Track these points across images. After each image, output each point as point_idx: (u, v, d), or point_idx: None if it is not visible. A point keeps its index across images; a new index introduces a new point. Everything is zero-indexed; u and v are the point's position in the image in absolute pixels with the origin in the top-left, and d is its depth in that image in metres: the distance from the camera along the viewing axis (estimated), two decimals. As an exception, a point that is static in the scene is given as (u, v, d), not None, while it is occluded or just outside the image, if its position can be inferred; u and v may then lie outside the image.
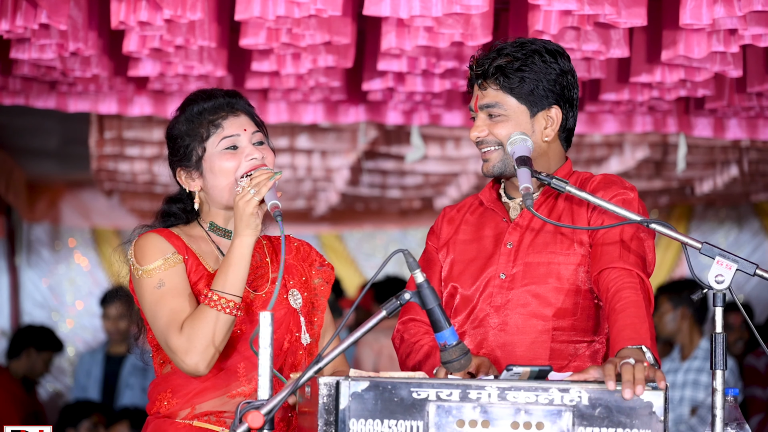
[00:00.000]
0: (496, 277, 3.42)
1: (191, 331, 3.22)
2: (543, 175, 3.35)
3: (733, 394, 3.33)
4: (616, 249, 3.29)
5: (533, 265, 3.39)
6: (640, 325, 3.07)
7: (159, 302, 3.28)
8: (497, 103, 3.38)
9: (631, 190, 3.42)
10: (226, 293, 3.23)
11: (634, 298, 3.15)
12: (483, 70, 3.40)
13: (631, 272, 3.23)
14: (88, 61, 5.44)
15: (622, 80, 5.60)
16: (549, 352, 3.36)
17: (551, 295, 3.37)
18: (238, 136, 3.39)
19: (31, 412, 8.02)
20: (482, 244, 3.49)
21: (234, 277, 3.24)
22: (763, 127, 6.47)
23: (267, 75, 5.68)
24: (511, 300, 3.39)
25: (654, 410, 2.85)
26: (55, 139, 8.72)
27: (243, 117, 3.42)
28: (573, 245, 3.39)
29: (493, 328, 3.40)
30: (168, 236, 3.38)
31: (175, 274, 3.30)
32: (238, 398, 3.32)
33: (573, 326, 3.38)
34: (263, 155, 3.38)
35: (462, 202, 3.63)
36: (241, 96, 3.49)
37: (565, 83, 3.41)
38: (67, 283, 11.10)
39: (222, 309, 3.22)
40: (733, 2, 4.41)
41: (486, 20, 4.64)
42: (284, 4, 4.53)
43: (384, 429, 2.83)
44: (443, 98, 6.08)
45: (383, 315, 2.95)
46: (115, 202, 10.50)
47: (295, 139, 7.85)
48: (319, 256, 3.58)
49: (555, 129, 3.42)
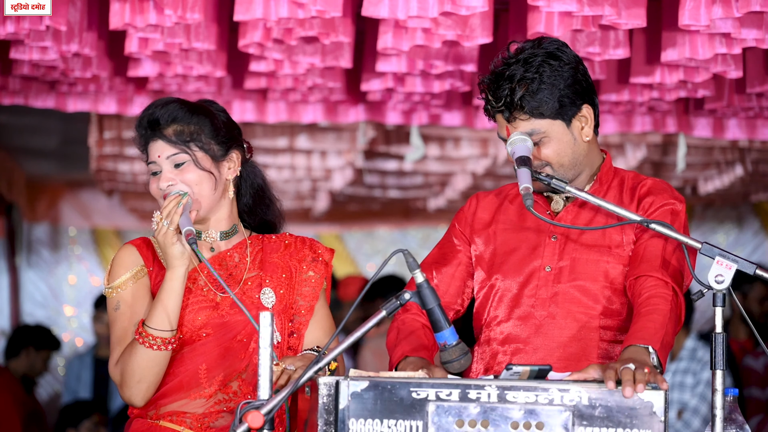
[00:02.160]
0: (542, 269, 3.38)
1: (123, 366, 3.33)
2: (543, 175, 3.35)
3: (732, 394, 3.33)
4: (657, 259, 3.25)
5: (581, 261, 3.36)
6: (657, 330, 3.05)
7: (114, 324, 3.41)
8: (533, 130, 3.34)
9: (680, 201, 3.38)
10: (155, 329, 3.30)
11: (662, 307, 3.13)
12: (506, 105, 3.34)
13: (668, 284, 3.20)
14: (88, 62, 5.44)
15: (622, 81, 5.61)
16: (598, 350, 3.32)
17: (600, 293, 3.34)
18: (154, 163, 3.43)
19: (31, 412, 8.02)
20: (525, 235, 3.43)
21: (164, 313, 3.31)
22: (763, 127, 6.47)
23: (266, 75, 5.68)
24: (558, 294, 3.35)
25: (654, 410, 2.85)
26: (55, 139, 8.72)
27: (158, 141, 3.42)
28: (622, 246, 3.36)
29: (538, 320, 3.36)
30: (140, 247, 3.47)
31: (132, 294, 3.40)
32: (199, 400, 3.37)
33: (619, 327, 3.34)
34: (175, 181, 3.40)
35: (498, 190, 3.57)
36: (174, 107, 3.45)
37: (580, 77, 3.37)
38: (67, 283, 11.10)
39: (150, 346, 3.30)
40: (731, 3, 4.41)
41: (485, 21, 4.64)
42: (284, 4, 4.53)
43: (384, 429, 2.83)
44: (442, 98, 6.08)
45: (383, 315, 2.96)
46: (115, 202, 10.49)
47: (294, 139, 7.85)
48: (313, 251, 3.56)
49: (591, 125, 3.39)
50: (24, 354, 8.27)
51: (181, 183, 3.40)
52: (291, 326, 3.48)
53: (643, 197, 3.37)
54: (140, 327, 3.31)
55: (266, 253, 3.52)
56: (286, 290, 3.49)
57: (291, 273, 3.51)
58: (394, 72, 5.46)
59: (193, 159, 3.41)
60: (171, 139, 3.41)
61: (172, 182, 3.40)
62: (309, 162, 8.44)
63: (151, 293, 3.42)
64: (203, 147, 3.43)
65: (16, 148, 9.12)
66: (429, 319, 3.02)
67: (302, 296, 3.51)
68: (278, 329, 3.44)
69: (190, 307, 3.40)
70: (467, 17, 4.60)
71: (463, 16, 4.58)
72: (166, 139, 3.41)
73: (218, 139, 3.46)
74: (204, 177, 3.41)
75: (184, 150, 3.41)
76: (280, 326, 3.45)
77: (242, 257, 3.49)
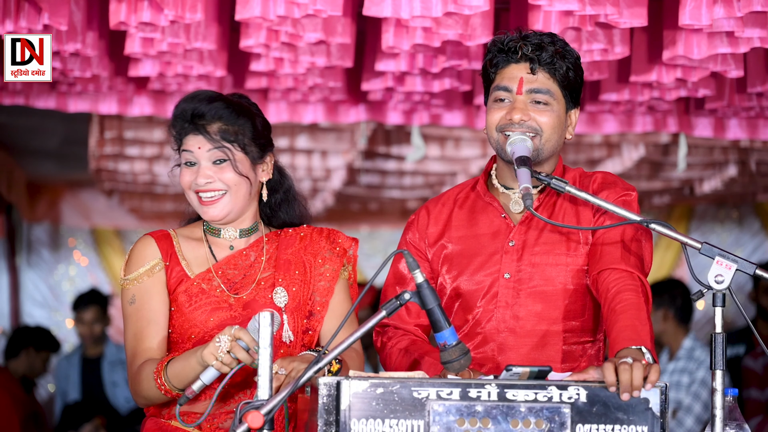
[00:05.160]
0: (501, 276, 3.39)
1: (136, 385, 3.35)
2: (543, 175, 3.34)
3: (732, 394, 3.33)
4: (617, 250, 3.27)
5: (541, 266, 3.36)
6: (641, 327, 3.06)
7: (128, 319, 3.41)
8: (548, 90, 3.33)
9: (632, 190, 3.41)
10: (172, 385, 3.28)
11: (635, 301, 3.14)
12: (538, 55, 3.32)
13: (633, 274, 3.21)
14: (89, 62, 5.44)
15: (623, 80, 5.60)
16: (561, 354, 3.33)
17: (560, 297, 3.34)
18: (191, 153, 3.41)
19: (30, 413, 8.02)
20: (479, 241, 3.43)
21: (184, 375, 3.25)
22: (764, 127, 6.47)
23: (267, 75, 5.68)
24: (518, 301, 3.36)
25: (650, 406, 2.86)
26: (55, 139, 8.71)
27: (200, 137, 3.40)
28: (579, 246, 3.36)
29: (498, 329, 3.37)
30: (159, 240, 3.45)
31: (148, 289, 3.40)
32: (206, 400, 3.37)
33: (582, 327, 3.36)
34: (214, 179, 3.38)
35: (445, 196, 3.55)
36: (220, 105, 3.43)
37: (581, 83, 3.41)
38: (67, 283, 11.09)
39: (165, 392, 3.30)
40: (732, 3, 4.41)
41: (486, 20, 4.64)
42: (284, 4, 4.53)
43: (385, 428, 2.83)
44: (443, 98, 6.08)
45: (383, 315, 2.95)
46: (115, 202, 10.49)
47: (294, 139, 7.85)
48: (330, 242, 3.54)
49: (573, 130, 3.42)
50: (24, 354, 8.27)
51: (218, 181, 3.39)
52: (306, 323, 3.47)
53: (597, 192, 3.38)
54: (161, 370, 3.28)
55: (281, 250, 3.50)
56: (299, 287, 3.47)
57: (305, 268, 3.50)
58: (395, 72, 5.46)
59: (232, 161, 3.40)
60: (214, 137, 3.39)
61: (210, 180, 3.39)
62: (309, 162, 8.44)
63: (166, 288, 3.41)
64: (244, 149, 3.42)
65: (16, 149, 9.12)
66: (429, 319, 3.02)
67: (318, 292, 3.49)
68: (290, 328, 3.43)
69: (203, 308, 3.39)
70: (470, 16, 4.60)
71: (464, 16, 4.58)
72: (208, 136, 3.40)
73: (257, 142, 3.46)
74: (242, 180, 3.41)
75: (225, 149, 3.39)
76: (292, 325, 3.44)
77: (258, 256, 3.48)
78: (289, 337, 3.43)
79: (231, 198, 3.40)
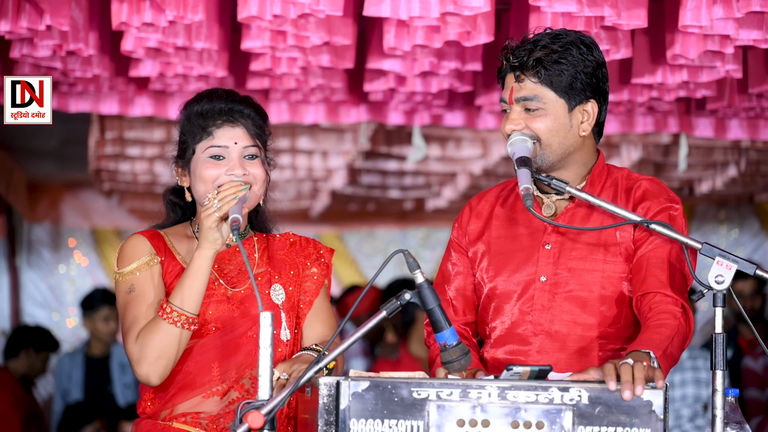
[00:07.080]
0: (537, 279, 3.35)
1: (143, 342, 3.29)
2: (543, 175, 3.33)
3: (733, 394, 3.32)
4: (664, 273, 3.22)
5: (578, 270, 3.32)
6: (661, 341, 3.03)
7: (126, 307, 3.37)
8: (536, 96, 3.30)
9: (677, 203, 3.35)
10: (180, 308, 3.27)
11: (670, 322, 3.10)
12: (521, 62, 3.30)
13: (677, 301, 3.18)
14: (89, 62, 5.44)
15: (624, 81, 5.61)
16: (598, 362, 3.28)
17: (597, 303, 3.31)
18: (227, 147, 3.40)
19: (30, 413, 8.02)
20: (518, 242, 3.40)
21: (189, 292, 3.28)
22: (764, 127, 6.48)
23: (267, 75, 5.68)
24: (554, 305, 3.33)
25: (653, 409, 2.85)
26: (55, 139, 8.71)
27: (238, 129, 3.41)
28: (618, 254, 3.32)
29: (535, 332, 3.34)
30: (151, 237, 3.45)
31: (147, 279, 3.38)
32: (214, 398, 3.36)
33: (617, 334, 3.32)
34: (248, 172, 3.39)
35: (488, 193, 3.54)
36: (249, 104, 3.47)
37: (600, 76, 3.35)
38: (67, 283, 11.10)
39: (173, 323, 3.27)
40: (732, 3, 4.41)
41: (487, 21, 4.64)
42: (286, 4, 4.53)
43: (384, 429, 2.83)
44: (444, 98, 6.08)
45: (383, 315, 2.95)
46: (115, 202, 10.50)
47: (295, 139, 7.86)
48: (316, 250, 3.58)
49: (591, 123, 3.35)
50: (24, 355, 8.27)
51: (250, 175, 3.39)
52: (297, 321, 3.49)
53: (639, 202, 3.33)
54: (164, 303, 3.29)
55: (273, 250, 3.53)
56: (294, 287, 3.49)
57: (298, 269, 3.52)
58: (396, 72, 5.47)
59: (262, 157, 3.43)
60: (251, 131, 3.42)
61: (246, 173, 3.39)
62: (310, 162, 8.44)
63: (162, 282, 3.40)
64: (265, 147, 3.47)
65: (16, 149, 9.12)
66: (429, 320, 3.02)
67: (304, 291, 3.51)
68: (288, 326, 3.44)
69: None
70: (470, 17, 4.60)
71: (465, 16, 4.59)
72: (247, 129, 3.41)
73: (269, 143, 3.51)
74: (265, 178, 3.44)
75: (259, 146, 3.42)
76: (289, 323, 3.45)
77: (250, 253, 3.50)
78: (287, 335, 3.44)
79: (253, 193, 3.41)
